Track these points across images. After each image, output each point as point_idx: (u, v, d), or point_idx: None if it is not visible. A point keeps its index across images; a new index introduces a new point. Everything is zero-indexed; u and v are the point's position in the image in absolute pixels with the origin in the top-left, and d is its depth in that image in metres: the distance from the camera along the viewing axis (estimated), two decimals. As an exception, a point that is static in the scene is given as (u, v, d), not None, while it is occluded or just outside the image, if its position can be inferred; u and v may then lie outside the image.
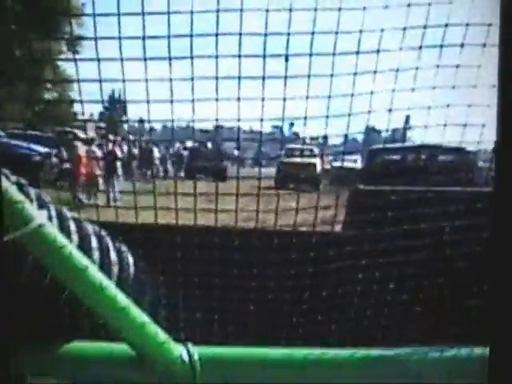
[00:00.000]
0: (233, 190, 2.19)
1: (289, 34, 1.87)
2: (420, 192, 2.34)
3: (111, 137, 15.36)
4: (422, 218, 2.17)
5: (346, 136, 2.14)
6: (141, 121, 2.08)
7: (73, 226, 1.82)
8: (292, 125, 2.52)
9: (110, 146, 15.79)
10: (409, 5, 1.86)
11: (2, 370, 1.64)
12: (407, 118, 2.19)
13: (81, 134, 17.37)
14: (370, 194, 2.76)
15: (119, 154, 16.08)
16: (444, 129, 2.03)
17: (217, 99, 1.90)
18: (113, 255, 1.89)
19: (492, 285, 1.66)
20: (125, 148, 16.71)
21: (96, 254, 1.84)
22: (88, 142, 16.09)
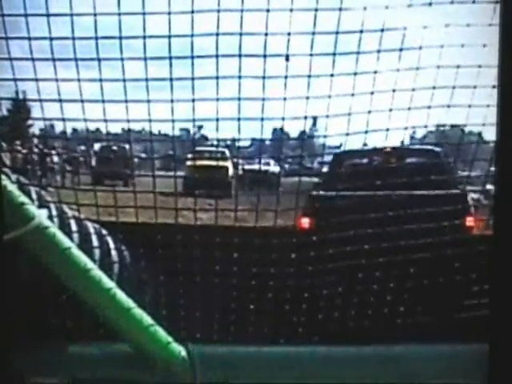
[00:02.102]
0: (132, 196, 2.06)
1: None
2: (376, 196, 2.35)
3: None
4: (386, 220, 2.17)
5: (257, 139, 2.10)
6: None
7: (73, 225, 1.81)
8: (201, 127, 2.47)
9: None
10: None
11: (1, 369, 1.63)
12: (314, 121, 2.19)
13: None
14: (324, 200, 2.79)
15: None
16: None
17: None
18: (113, 254, 1.89)
19: (491, 282, 1.68)
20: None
21: (97, 253, 1.83)
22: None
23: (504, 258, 1.61)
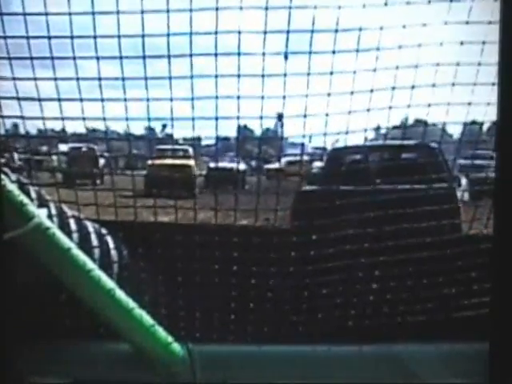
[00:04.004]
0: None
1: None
2: (369, 191, 2.33)
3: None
4: (377, 216, 2.16)
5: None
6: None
7: (73, 225, 1.80)
8: (165, 126, 2.46)
9: None
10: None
11: (2, 369, 1.63)
12: (280, 118, 2.19)
13: None
14: (315, 195, 2.76)
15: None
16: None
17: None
18: (113, 253, 1.89)
19: (492, 280, 1.67)
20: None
21: (96, 253, 1.83)
22: None
23: (505, 256, 1.61)
